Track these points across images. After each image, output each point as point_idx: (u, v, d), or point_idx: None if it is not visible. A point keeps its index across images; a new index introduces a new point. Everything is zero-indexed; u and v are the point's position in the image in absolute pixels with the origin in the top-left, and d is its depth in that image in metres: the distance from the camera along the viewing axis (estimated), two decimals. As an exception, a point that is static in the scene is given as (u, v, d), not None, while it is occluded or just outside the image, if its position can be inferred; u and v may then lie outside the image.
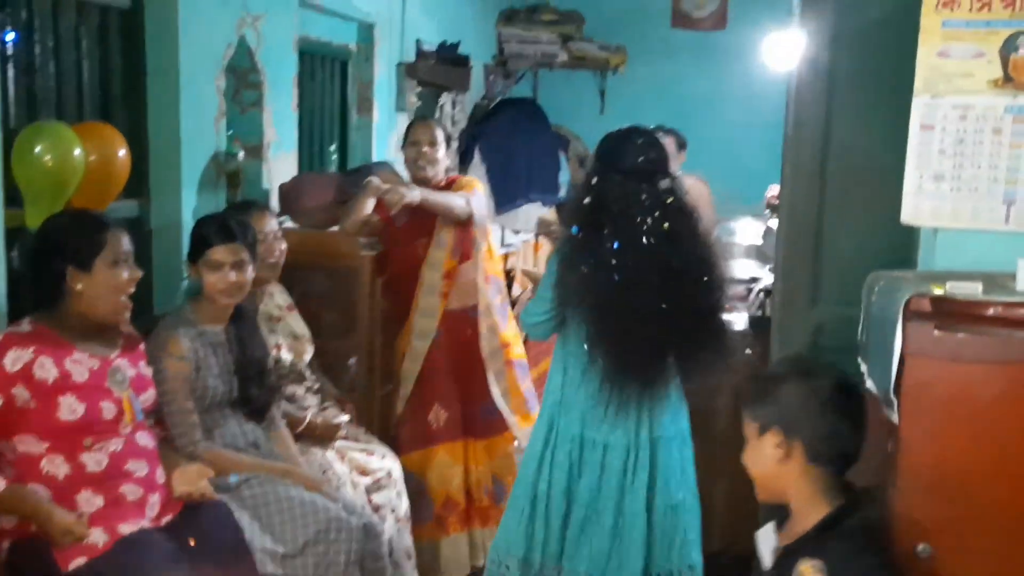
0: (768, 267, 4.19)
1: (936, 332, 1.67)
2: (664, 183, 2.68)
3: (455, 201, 3.57)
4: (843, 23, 2.58)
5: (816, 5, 2.61)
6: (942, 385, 1.67)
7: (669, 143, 5.00)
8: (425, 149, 3.60)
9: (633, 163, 2.66)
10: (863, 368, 2.06)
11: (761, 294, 3.61)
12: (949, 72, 2.17)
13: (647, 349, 2.63)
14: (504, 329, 3.68)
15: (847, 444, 1.83)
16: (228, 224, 2.78)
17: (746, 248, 4.73)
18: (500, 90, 6.11)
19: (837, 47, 2.59)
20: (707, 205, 5.17)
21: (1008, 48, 2.11)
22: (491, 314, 3.62)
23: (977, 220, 2.16)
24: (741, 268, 4.62)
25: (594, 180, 2.67)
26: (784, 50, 5.03)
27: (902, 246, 2.48)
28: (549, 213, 3.52)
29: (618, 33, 6.35)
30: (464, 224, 3.61)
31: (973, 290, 1.69)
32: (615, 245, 2.58)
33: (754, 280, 4.19)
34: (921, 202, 2.20)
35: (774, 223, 3.71)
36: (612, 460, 2.75)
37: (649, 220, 2.60)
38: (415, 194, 3.47)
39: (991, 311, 1.65)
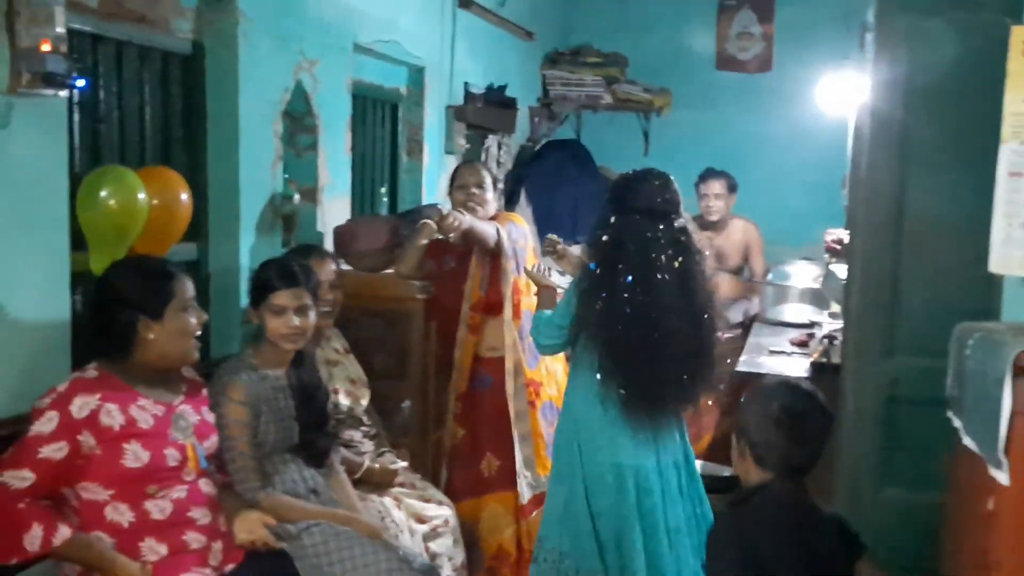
0: (827, 312, 4.12)
1: (1047, 390, 1.60)
2: (679, 223, 2.81)
3: (489, 230, 3.51)
4: (917, 67, 2.54)
5: (888, 51, 2.56)
6: (1055, 445, 1.60)
7: (720, 185, 5.02)
8: (474, 191, 3.57)
9: (650, 203, 2.79)
10: (956, 424, 1.98)
11: (825, 340, 3.53)
12: (1037, 118, 2.11)
13: (660, 378, 2.77)
14: (533, 367, 3.59)
15: (789, 456, 2.08)
16: (291, 268, 2.75)
17: (801, 292, 4.66)
18: (545, 132, 6.11)
19: (910, 92, 2.55)
20: (757, 247, 5.15)
21: (1099, 93, 2.05)
22: (517, 351, 3.53)
23: (1068, 270, 2.09)
24: (797, 312, 4.55)
25: (612, 219, 2.79)
26: (835, 93, 5.00)
27: (982, 296, 2.41)
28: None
29: (662, 75, 6.34)
30: (494, 255, 3.55)
31: (1084, 346, 1.62)
32: (629, 279, 2.72)
33: (814, 325, 4.12)
34: (1010, 251, 2.13)
35: (836, 268, 3.65)
36: (645, 482, 2.84)
37: (663, 258, 2.74)
38: (467, 219, 3.45)
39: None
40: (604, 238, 2.81)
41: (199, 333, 2.43)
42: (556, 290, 3.23)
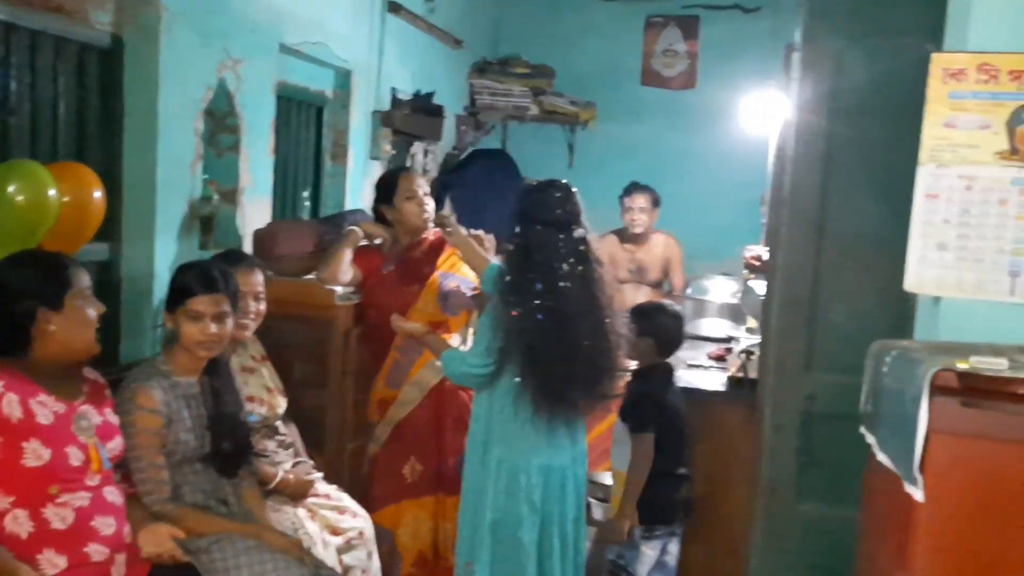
0: (744, 327, 4.17)
1: (964, 408, 1.63)
2: (578, 232, 2.93)
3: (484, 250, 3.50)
4: (841, 89, 2.59)
5: (813, 72, 2.61)
6: (971, 464, 1.63)
7: (645, 199, 5.06)
8: (425, 199, 3.53)
9: (552, 215, 2.91)
10: (870, 440, 2.01)
11: (743, 355, 3.58)
12: (955, 142, 2.17)
13: (570, 379, 2.90)
14: None
15: (674, 344, 3.39)
16: (211, 273, 2.67)
17: (719, 307, 4.72)
18: (471, 141, 6.09)
19: (834, 112, 2.59)
20: (678, 261, 5.20)
21: (1015, 121, 2.12)
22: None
23: (981, 291, 2.15)
24: (714, 327, 4.60)
25: (517, 228, 2.90)
26: (758, 112, 5.09)
27: (897, 315, 2.47)
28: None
29: (588, 89, 6.38)
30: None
31: (999, 365, 1.65)
32: (539, 286, 2.85)
33: (731, 339, 4.17)
34: (925, 271, 2.19)
35: (755, 283, 3.70)
36: (555, 480, 2.97)
37: (565, 266, 2.87)
38: (462, 232, 3.44)
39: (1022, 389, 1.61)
40: (512, 247, 2.95)
41: (97, 325, 2.35)
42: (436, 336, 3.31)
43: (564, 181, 3.03)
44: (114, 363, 2.97)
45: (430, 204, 3.56)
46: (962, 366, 1.67)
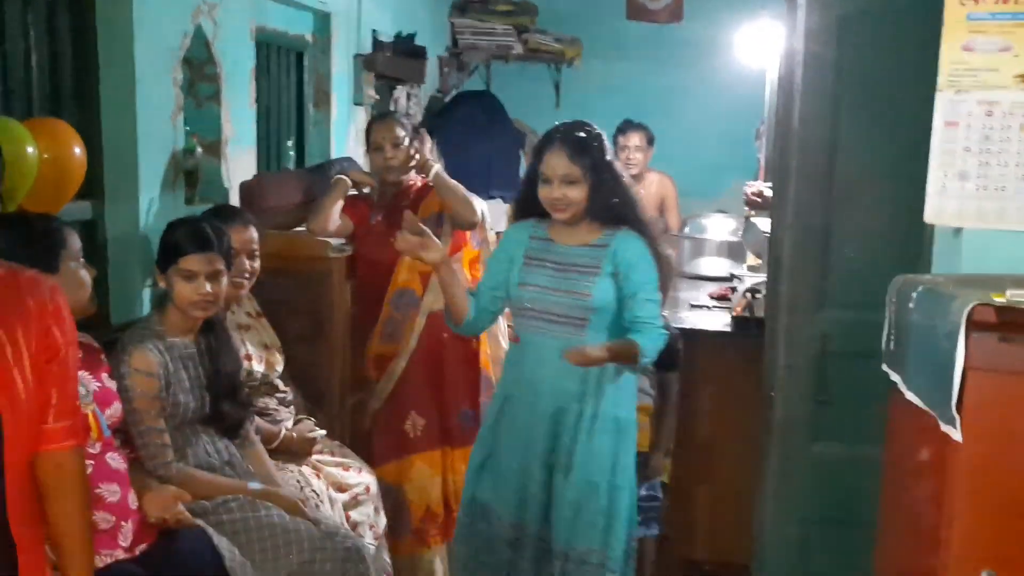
0: (746, 266, 4.11)
1: (1002, 344, 1.56)
2: None
3: (476, 199, 3.42)
4: (851, 12, 2.48)
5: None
6: (1010, 401, 1.58)
7: (640, 137, 4.96)
8: (389, 153, 3.39)
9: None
10: (895, 378, 1.96)
11: (748, 295, 3.51)
12: (974, 66, 2.08)
13: None
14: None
15: None
16: (204, 230, 2.57)
17: (718, 245, 4.65)
18: (455, 83, 5.95)
19: (844, 39, 2.49)
20: (673, 201, 5.13)
21: (1038, 41, 2.03)
22: None
23: (1004, 220, 2.08)
24: (714, 266, 4.54)
25: (528, 175, 2.78)
26: (750, 43, 4.97)
27: (914, 248, 2.40)
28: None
29: (572, 25, 6.22)
30: (466, 229, 3.45)
31: (1036, 298, 1.59)
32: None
33: (733, 279, 4.11)
34: (945, 201, 2.11)
35: (757, 220, 3.62)
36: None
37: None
38: (439, 167, 3.37)
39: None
40: (522, 195, 2.83)
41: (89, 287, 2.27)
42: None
43: (578, 122, 2.78)
44: (105, 326, 2.87)
45: (401, 152, 3.39)
46: (999, 300, 1.60)
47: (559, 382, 2.64)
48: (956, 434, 1.61)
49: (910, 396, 1.84)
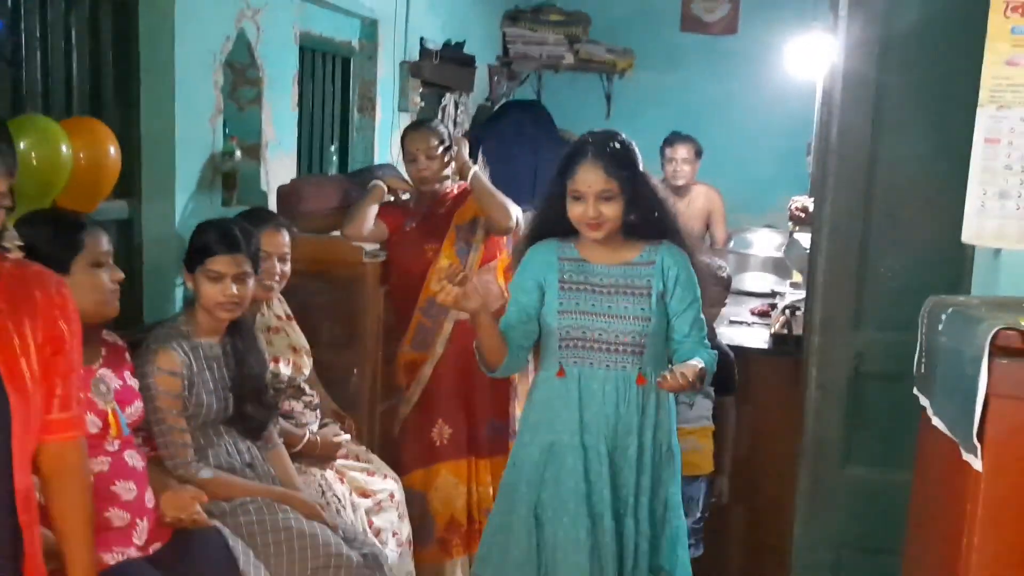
0: (789, 282, 4.02)
1: (1028, 371, 1.49)
2: None
3: (512, 205, 3.36)
4: (891, 29, 2.41)
5: (862, 10, 2.43)
6: (1035, 432, 1.50)
7: (687, 149, 4.90)
8: (422, 164, 3.36)
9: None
10: (924, 402, 1.88)
11: (787, 311, 3.43)
12: (1018, 82, 1.99)
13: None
14: None
15: None
16: (231, 232, 2.58)
17: (763, 260, 4.56)
18: (504, 92, 5.93)
19: (885, 53, 2.42)
20: (720, 214, 5.05)
21: (1085, 57, 1.94)
22: None
23: (1046, 242, 1.99)
24: (758, 281, 4.46)
25: (552, 192, 2.55)
26: (802, 56, 4.87)
27: (952, 269, 2.32)
28: None
29: (625, 36, 6.17)
30: (501, 234, 3.42)
31: (1068, 324, 1.51)
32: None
33: (775, 295, 4.02)
34: (984, 221, 2.03)
35: (800, 236, 3.54)
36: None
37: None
38: (476, 169, 3.33)
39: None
40: (544, 211, 2.60)
41: (114, 291, 2.27)
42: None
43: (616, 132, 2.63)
44: (138, 324, 2.91)
45: (434, 162, 3.35)
46: (1026, 324, 1.53)
47: (618, 418, 2.44)
48: (977, 463, 1.53)
49: (936, 422, 1.77)
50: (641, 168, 2.49)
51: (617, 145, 2.45)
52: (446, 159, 3.38)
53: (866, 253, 2.45)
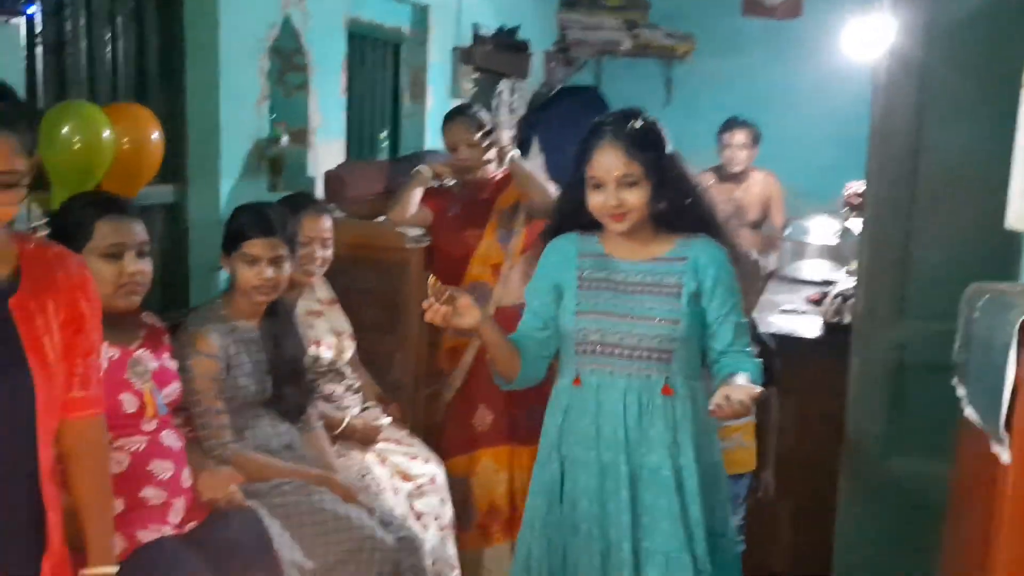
0: (844, 270, 3.92)
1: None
2: None
3: (554, 189, 3.31)
4: (938, 11, 2.32)
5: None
6: (1065, 423, 1.43)
7: (745, 135, 4.81)
8: (463, 154, 3.35)
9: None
10: (960, 393, 1.81)
11: (839, 299, 3.35)
12: (1065, 61, 1.90)
13: None
14: None
15: None
16: (267, 216, 2.60)
17: (819, 248, 4.45)
18: (561, 78, 5.89)
19: (931, 37, 2.34)
20: (778, 201, 4.94)
21: None
22: None
23: (1092, 228, 1.89)
24: (814, 269, 4.36)
25: (570, 182, 2.33)
26: (865, 39, 4.73)
27: (999, 256, 2.22)
28: None
29: (686, 20, 6.08)
30: (542, 218, 3.38)
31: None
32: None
33: (827, 283, 3.93)
34: (1029, 206, 1.94)
35: (853, 223, 3.45)
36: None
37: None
38: (516, 152, 3.30)
39: None
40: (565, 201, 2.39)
41: (127, 284, 2.23)
42: None
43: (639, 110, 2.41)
44: (183, 306, 2.96)
45: (475, 151, 3.32)
46: (1059, 311, 1.45)
47: (641, 433, 2.16)
48: (1005, 455, 1.47)
49: (968, 412, 1.70)
50: (669, 149, 2.19)
51: (639, 124, 2.16)
52: (486, 144, 3.36)
53: (909, 241, 2.36)
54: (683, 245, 2.20)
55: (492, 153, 3.38)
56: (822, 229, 4.52)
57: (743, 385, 2.01)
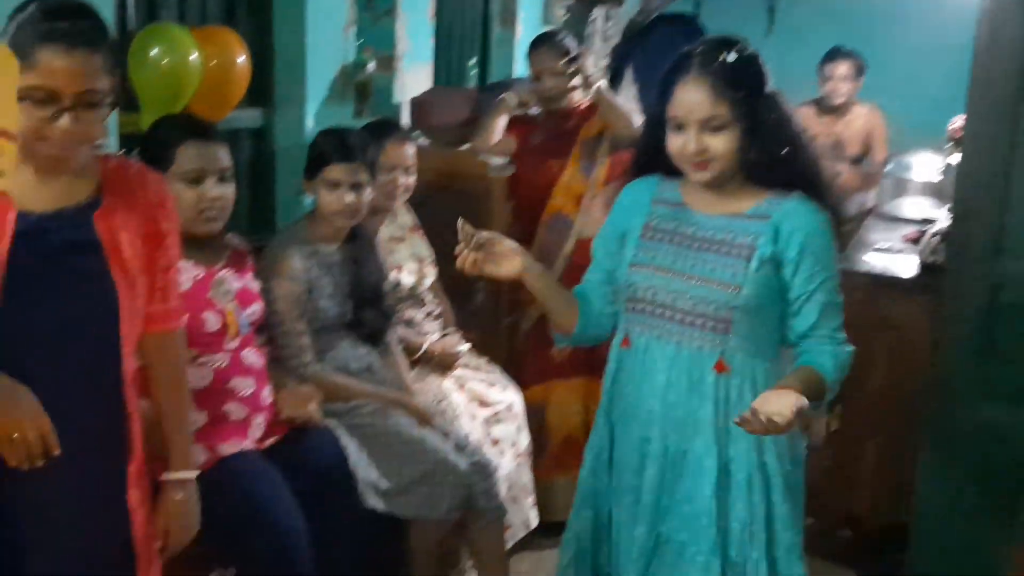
0: (946, 208, 3.74)
1: None
2: None
3: (639, 120, 3.22)
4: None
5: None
6: None
7: (848, 67, 4.63)
8: (548, 83, 3.28)
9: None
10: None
11: (936, 238, 3.20)
12: None
13: None
14: None
15: None
16: (349, 141, 2.62)
17: (921, 185, 4.26)
18: (658, 5, 5.71)
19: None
20: (880, 135, 4.74)
21: None
22: None
23: None
24: (915, 207, 4.18)
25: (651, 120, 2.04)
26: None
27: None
28: None
29: (791, -57, 5.82)
30: (627, 149, 3.33)
31: None
32: None
33: (927, 222, 3.76)
34: None
35: (956, 159, 3.28)
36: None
37: None
38: (603, 82, 3.25)
39: None
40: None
41: (206, 209, 2.26)
42: None
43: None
44: (269, 230, 3.02)
45: (561, 80, 3.26)
46: None
47: (688, 412, 1.89)
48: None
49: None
50: (768, 89, 1.85)
51: (732, 56, 1.81)
52: (571, 72, 3.29)
53: (1009, 177, 2.23)
54: (772, 203, 1.86)
55: (577, 81, 3.31)
56: (925, 165, 4.31)
57: (784, 395, 1.69)
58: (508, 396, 3.08)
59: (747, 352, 1.86)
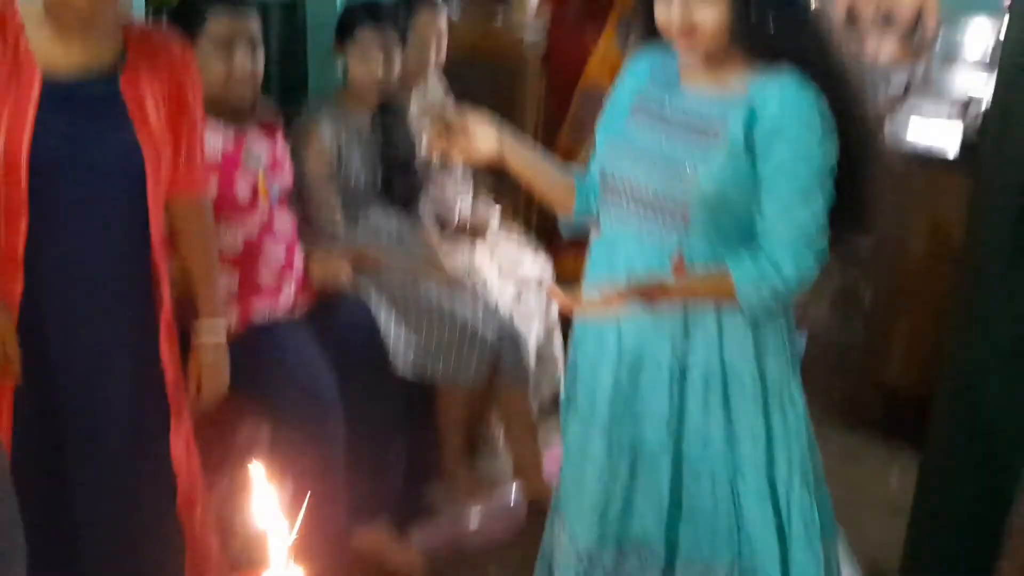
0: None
1: None
2: None
3: None
4: None
5: None
6: None
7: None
8: None
9: None
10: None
11: (980, 115, 3.11)
12: None
13: None
14: None
15: None
16: (378, 6, 2.61)
17: (974, 55, 4.09)
18: None
19: None
20: (932, 6, 4.53)
21: None
22: None
23: None
24: (963, 80, 4.03)
25: None
26: None
27: None
28: None
29: None
30: None
31: None
32: None
33: (972, 100, 3.64)
34: None
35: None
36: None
37: None
38: None
39: None
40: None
41: (238, 78, 2.24)
42: None
43: None
44: (303, 99, 3.00)
45: None
46: None
47: (650, 313, 1.66)
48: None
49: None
50: None
51: None
52: None
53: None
54: (756, 82, 1.60)
55: None
56: (979, 35, 4.14)
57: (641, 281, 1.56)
58: (539, 265, 3.10)
59: (705, 249, 1.64)
